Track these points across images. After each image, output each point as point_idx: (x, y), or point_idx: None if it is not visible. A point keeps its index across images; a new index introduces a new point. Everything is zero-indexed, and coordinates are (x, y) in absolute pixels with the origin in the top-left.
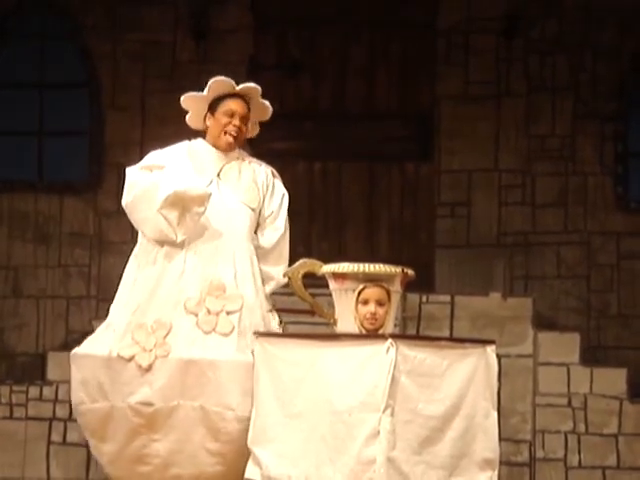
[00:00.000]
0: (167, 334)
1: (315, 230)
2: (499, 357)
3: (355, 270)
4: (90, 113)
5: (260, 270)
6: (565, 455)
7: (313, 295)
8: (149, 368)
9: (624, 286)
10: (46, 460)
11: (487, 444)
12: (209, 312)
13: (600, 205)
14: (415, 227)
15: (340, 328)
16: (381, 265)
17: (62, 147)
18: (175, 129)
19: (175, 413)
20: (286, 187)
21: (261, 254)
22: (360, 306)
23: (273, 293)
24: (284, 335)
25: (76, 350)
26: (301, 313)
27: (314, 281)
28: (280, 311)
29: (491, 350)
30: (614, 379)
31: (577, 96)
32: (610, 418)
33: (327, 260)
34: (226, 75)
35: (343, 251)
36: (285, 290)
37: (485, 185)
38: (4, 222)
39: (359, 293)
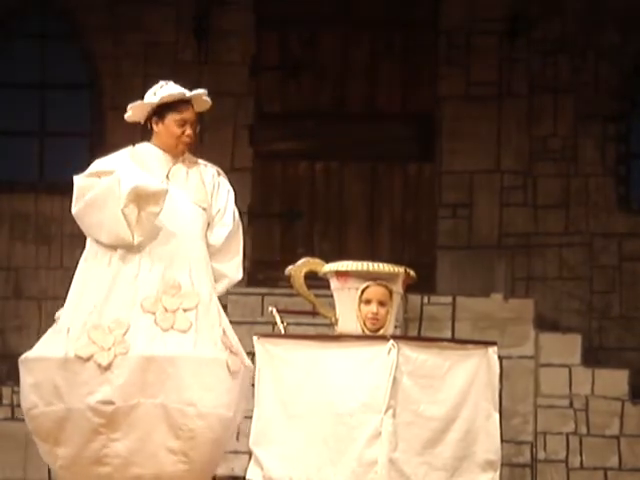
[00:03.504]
0: (125, 332)
1: (316, 230)
2: (501, 358)
3: (358, 269)
4: (91, 114)
5: (212, 269)
6: (567, 456)
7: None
8: (109, 366)
9: (626, 287)
10: None
11: (489, 445)
12: (166, 310)
13: (602, 206)
14: (417, 228)
15: (341, 327)
16: (384, 264)
17: (63, 148)
18: None
19: (135, 411)
20: (287, 187)
21: (211, 252)
22: (362, 305)
23: (274, 294)
24: (286, 336)
25: (26, 354)
26: (302, 314)
27: (314, 282)
28: (281, 312)
29: (493, 351)
30: (616, 380)
31: (579, 97)
32: (612, 419)
33: (328, 260)
34: (228, 75)
35: (344, 252)
36: (285, 291)
37: (487, 186)
38: (5, 223)
39: (362, 292)
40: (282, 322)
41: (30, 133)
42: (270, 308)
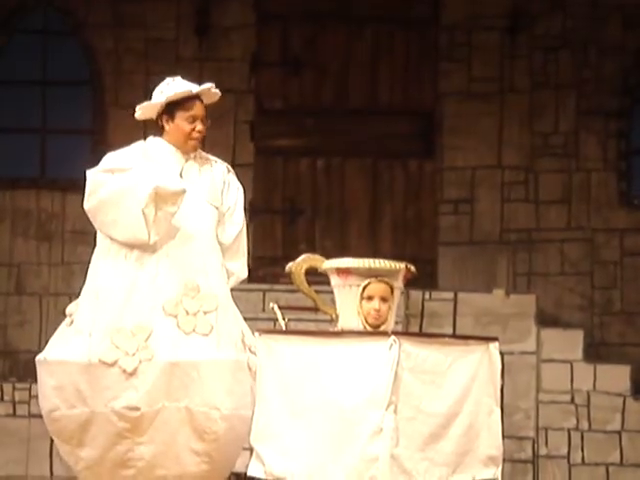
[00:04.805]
0: (148, 337)
1: (318, 226)
2: (502, 354)
3: (360, 265)
4: (93, 110)
5: None
6: (568, 452)
7: (315, 291)
8: (134, 372)
9: (627, 283)
10: (49, 457)
11: (490, 441)
12: (187, 313)
13: (603, 202)
14: (418, 224)
15: (342, 324)
16: (385, 260)
17: (65, 144)
18: None
19: (160, 415)
20: (289, 183)
21: (221, 250)
22: (364, 302)
23: (276, 290)
24: (288, 332)
25: (45, 356)
26: (303, 310)
27: (315, 278)
28: (282, 308)
29: (494, 347)
30: (617, 376)
31: (581, 93)
32: (613, 415)
33: (330, 257)
34: (228, 72)
35: (346, 248)
36: (287, 287)
37: (488, 182)
38: (7, 219)
39: (363, 289)
40: (283, 318)
41: (32, 130)
42: (271, 304)
